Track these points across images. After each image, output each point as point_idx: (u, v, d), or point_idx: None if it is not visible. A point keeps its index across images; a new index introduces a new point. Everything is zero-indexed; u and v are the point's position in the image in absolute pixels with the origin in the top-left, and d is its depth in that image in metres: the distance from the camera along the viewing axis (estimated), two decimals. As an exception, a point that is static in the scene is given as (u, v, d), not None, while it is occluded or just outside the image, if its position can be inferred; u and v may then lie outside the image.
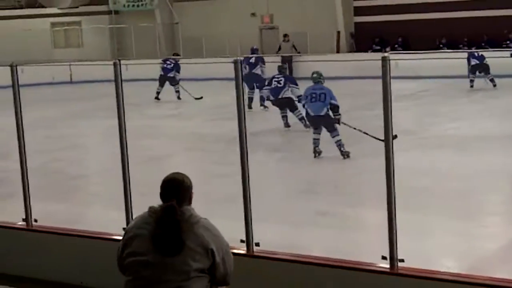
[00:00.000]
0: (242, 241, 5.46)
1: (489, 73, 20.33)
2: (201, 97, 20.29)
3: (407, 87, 19.94)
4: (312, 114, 11.92)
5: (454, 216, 8.30)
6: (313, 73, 12.37)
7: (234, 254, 4.04)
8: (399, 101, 15.97)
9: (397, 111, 5.00)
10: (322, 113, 11.73)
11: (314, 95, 11.89)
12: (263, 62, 19.75)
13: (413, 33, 26.27)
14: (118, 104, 5.82)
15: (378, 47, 26.81)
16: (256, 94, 17.89)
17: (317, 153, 11.74)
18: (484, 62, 20.26)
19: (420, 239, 7.25)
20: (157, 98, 20.94)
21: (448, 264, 6.78)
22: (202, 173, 10.47)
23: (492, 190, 9.69)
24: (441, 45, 25.80)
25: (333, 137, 11.65)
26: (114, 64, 5.81)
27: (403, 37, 26.83)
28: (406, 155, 9.80)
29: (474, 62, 20.42)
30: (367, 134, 11.66)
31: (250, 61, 19.10)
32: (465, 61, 20.83)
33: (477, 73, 20.52)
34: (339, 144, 11.58)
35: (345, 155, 11.53)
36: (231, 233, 4.36)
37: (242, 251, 5.42)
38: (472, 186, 9.63)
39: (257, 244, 5.48)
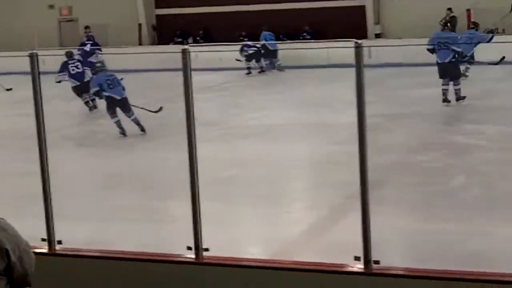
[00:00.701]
0: (43, 239, 5.30)
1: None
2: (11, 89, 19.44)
3: (209, 79, 20.20)
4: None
5: (260, 204, 8.51)
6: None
7: (36, 253, 3.89)
8: (202, 93, 16.15)
9: (200, 103, 5.03)
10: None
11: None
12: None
13: (214, 25, 26.69)
14: None
15: (180, 40, 26.96)
16: None
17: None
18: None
19: (226, 228, 7.37)
20: None
21: (253, 251, 6.94)
22: (4, 171, 10.05)
23: (294, 177, 10.06)
24: (241, 37, 26.39)
25: None
26: None
27: (204, 30, 27.16)
28: (210, 146, 9.93)
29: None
30: (144, 108, 12.68)
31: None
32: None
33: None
34: None
35: None
36: (33, 232, 4.20)
37: (44, 250, 5.26)
38: (276, 174, 9.93)
39: (60, 242, 5.33)
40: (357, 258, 4.53)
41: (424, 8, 24.18)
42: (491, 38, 17.29)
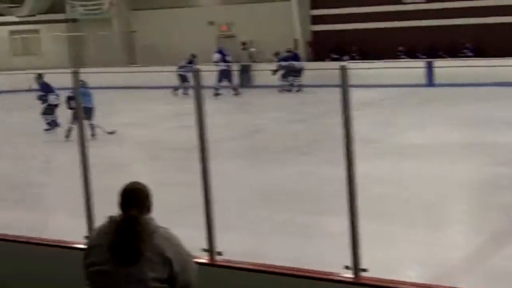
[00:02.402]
0: (204, 250, 5.38)
1: None
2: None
3: (366, 95, 20.04)
4: None
5: (417, 225, 8.31)
6: None
7: (197, 263, 3.96)
8: (358, 110, 16.03)
9: (357, 119, 4.96)
10: None
11: None
12: None
13: (370, 41, 26.47)
14: (78, 112, 5.72)
15: (336, 56, 26.94)
16: None
17: None
18: None
19: (383, 248, 7.22)
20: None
21: (411, 274, 6.76)
22: (162, 181, 10.36)
23: (454, 198, 9.75)
24: (399, 54, 26.02)
25: None
26: (73, 73, 5.70)
27: (360, 46, 27.00)
28: (367, 164, 9.80)
29: None
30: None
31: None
32: (423, 70, 21.08)
33: None
34: None
35: None
36: (193, 242, 4.28)
37: (205, 260, 5.34)
38: (434, 194, 9.67)
39: (220, 253, 5.40)
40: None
41: None
42: None
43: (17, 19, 31.47)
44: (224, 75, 23.72)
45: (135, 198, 3.76)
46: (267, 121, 17.49)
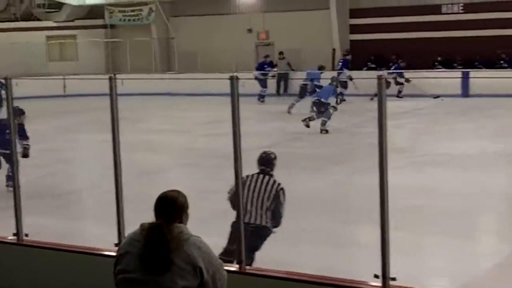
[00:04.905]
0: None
1: None
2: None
3: (402, 105, 19.97)
4: None
5: (447, 235, 8.28)
6: None
7: (227, 271, 4.01)
8: (394, 119, 15.99)
9: (391, 129, 4.97)
10: None
11: None
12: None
13: (407, 51, 26.37)
14: (112, 118, 5.78)
15: (373, 65, 26.87)
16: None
17: None
18: None
19: (413, 258, 7.23)
20: None
21: (440, 283, 6.75)
22: (196, 188, 10.42)
23: (487, 209, 9.69)
24: (436, 64, 25.88)
25: None
26: (110, 79, 5.78)
27: (398, 55, 26.89)
28: (400, 173, 9.79)
29: None
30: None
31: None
32: (459, 80, 20.96)
33: None
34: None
35: None
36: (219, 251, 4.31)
37: (235, 268, 5.39)
38: (467, 205, 9.62)
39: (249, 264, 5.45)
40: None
41: None
42: None
43: (54, 24, 31.82)
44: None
45: (166, 206, 3.79)
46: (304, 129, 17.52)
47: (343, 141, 15.63)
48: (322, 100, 16.81)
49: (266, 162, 7.06)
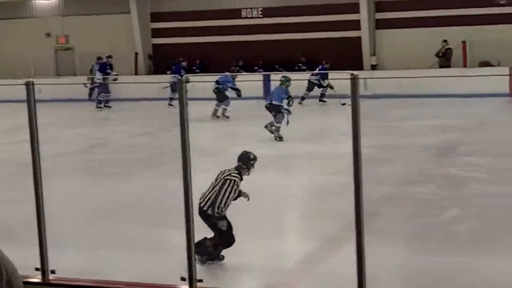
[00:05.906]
0: (37, 269, 5.22)
1: None
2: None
3: (205, 108, 20.20)
4: None
5: (255, 235, 8.44)
6: None
7: (30, 283, 3.85)
8: (198, 122, 16.15)
9: (196, 132, 5.01)
10: None
11: None
12: None
13: (210, 55, 26.80)
14: None
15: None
16: None
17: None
18: None
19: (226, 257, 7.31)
20: None
21: (249, 283, 6.88)
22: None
23: (288, 208, 10.03)
24: (237, 67, 26.45)
25: None
26: None
27: (200, 59, 27.24)
28: (207, 175, 9.89)
29: None
30: None
31: None
32: (260, 83, 21.51)
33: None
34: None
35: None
36: (26, 261, 4.14)
37: (37, 279, 5.19)
38: (271, 204, 9.83)
39: (53, 272, 5.25)
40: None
41: (418, 40, 24.38)
42: None
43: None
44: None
45: None
46: (111, 134, 17.33)
47: (150, 146, 15.58)
48: (274, 102, 15.73)
49: (243, 159, 7.73)
